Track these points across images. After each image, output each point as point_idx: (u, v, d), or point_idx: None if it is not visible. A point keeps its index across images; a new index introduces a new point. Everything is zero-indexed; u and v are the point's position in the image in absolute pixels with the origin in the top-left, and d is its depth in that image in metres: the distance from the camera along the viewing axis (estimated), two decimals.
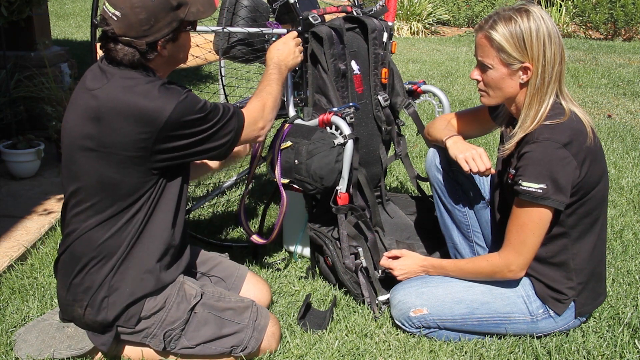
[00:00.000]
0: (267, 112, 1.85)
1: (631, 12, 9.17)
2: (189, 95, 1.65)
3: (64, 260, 1.73)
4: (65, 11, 9.78)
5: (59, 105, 3.28)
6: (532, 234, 1.73)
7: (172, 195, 1.73)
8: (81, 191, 1.66)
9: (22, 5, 3.29)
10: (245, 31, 2.23)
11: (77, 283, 1.69)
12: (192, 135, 1.65)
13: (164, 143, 1.61)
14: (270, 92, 1.90)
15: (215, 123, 1.68)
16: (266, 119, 1.85)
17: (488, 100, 1.85)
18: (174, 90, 1.63)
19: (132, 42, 1.60)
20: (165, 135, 1.60)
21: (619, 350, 1.87)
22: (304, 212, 2.32)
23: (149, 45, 1.62)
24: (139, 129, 1.58)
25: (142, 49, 1.61)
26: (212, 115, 1.67)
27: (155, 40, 1.62)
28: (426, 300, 1.90)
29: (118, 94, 1.59)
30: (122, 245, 1.68)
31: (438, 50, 8.24)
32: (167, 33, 1.63)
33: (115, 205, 1.65)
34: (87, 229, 1.67)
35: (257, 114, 1.82)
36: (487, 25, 1.74)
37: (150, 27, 1.59)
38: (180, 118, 1.60)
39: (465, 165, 1.88)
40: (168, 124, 1.59)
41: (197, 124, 1.64)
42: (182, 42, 1.72)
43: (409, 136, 4.07)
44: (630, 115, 4.94)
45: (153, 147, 1.60)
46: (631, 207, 3.03)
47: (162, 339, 1.73)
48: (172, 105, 1.58)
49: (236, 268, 2.05)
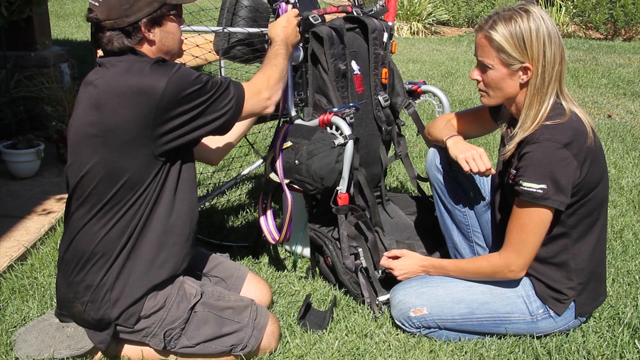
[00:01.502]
0: (273, 82, 1.82)
1: (631, 12, 9.17)
2: (181, 67, 1.64)
3: (67, 257, 1.72)
4: (65, 11, 9.78)
5: (59, 105, 3.28)
6: (533, 234, 1.73)
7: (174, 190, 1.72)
8: (85, 182, 1.65)
9: (22, 5, 3.29)
10: (245, 31, 2.23)
11: (79, 280, 1.69)
12: (191, 109, 1.63)
13: (164, 120, 1.60)
14: (276, 65, 1.87)
15: (213, 93, 1.67)
16: (272, 89, 1.81)
17: (488, 100, 1.86)
18: (166, 66, 1.63)
19: (115, 23, 1.62)
20: (163, 111, 1.59)
21: (619, 350, 1.87)
22: (304, 212, 2.32)
23: (132, 26, 1.63)
24: (137, 107, 1.58)
25: (126, 29, 1.63)
26: (208, 86, 1.66)
27: (137, 20, 1.63)
28: (426, 300, 1.90)
29: (114, 78, 1.61)
30: (123, 240, 1.67)
31: (438, 50, 8.24)
32: (149, 13, 1.64)
33: (117, 196, 1.64)
34: (88, 222, 1.66)
35: (262, 84, 1.80)
36: (487, 26, 1.74)
37: (130, 6, 1.61)
38: (175, 91, 1.59)
39: (466, 166, 1.88)
40: (164, 98, 1.58)
41: (194, 95, 1.63)
42: (170, 29, 1.72)
43: (409, 136, 4.07)
44: (630, 115, 4.94)
45: (154, 126, 1.60)
46: (631, 207, 3.03)
47: (162, 338, 1.73)
48: (165, 79, 1.58)
49: (236, 268, 2.05)
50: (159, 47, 1.71)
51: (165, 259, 1.73)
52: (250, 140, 3.45)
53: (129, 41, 1.65)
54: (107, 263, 1.68)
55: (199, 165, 3.41)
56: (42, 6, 3.68)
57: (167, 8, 1.68)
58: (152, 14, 1.65)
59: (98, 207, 1.65)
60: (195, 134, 1.68)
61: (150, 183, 1.66)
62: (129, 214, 1.66)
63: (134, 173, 1.63)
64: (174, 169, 1.71)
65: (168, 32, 1.71)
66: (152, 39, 1.69)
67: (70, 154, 1.70)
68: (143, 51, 1.69)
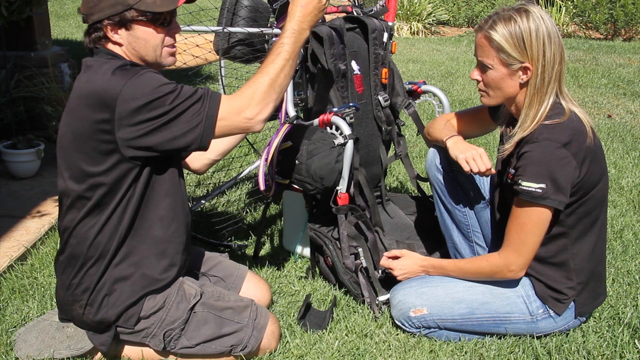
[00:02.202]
0: (259, 98, 1.62)
1: (631, 12, 9.17)
2: (146, 74, 1.56)
3: (63, 259, 1.73)
4: (65, 11, 9.79)
5: (59, 105, 3.29)
6: (532, 233, 1.73)
7: (162, 191, 1.71)
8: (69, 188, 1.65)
9: (22, 5, 3.29)
10: (245, 31, 2.23)
11: (76, 282, 1.69)
12: (151, 118, 1.54)
13: (124, 125, 1.54)
14: (269, 73, 1.65)
15: (179, 104, 1.55)
16: (257, 105, 1.61)
17: (488, 100, 1.86)
18: (129, 70, 1.56)
19: (85, 19, 1.63)
20: (122, 117, 1.53)
21: (619, 350, 1.87)
22: (304, 212, 2.32)
23: (96, 24, 1.62)
24: (98, 111, 1.54)
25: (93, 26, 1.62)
26: (173, 95, 1.55)
27: (98, 20, 1.60)
28: (426, 300, 1.90)
29: (83, 82, 1.60)
30: (115, 242, 1.67)
31: (438, 50, 8.24)
32: (110, 14, 1.59)
33: (101, 200, 1.63)
34: (78, 224, 1.66)
35: (244, 102, 1.61)
36: (486, 26, 1.74)
37: (95, 5, 1.60)
38: (132, 96, 1.52)
39: (466, 166, 1.88)
40: (121, 104, 1.52)
41: (154, 104, 1.53)
42: (140, 35, 1.63)
43: (409, 136, 4.07)
44: (630, 115, 4.94)
45: (117, 131, 1.55)
46: (631, 207, 3.03)
47: (161, 338, 1.73)
48: (122, 84, 1.52)
49: (236, 268, 2.05)
50: (130, 51, 1.65)
51: (160, 261, 1.73)
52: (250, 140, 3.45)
53: (93, 38, 1.64)
54: (102, 265, 1.68)
55: None
56: (42, 6, 3.68)
57: (136, 13, 1.60)
58: (114, 16, 1.59)
59: (84, 211, 1.65)
60: (163, 147, 1.59)
61: (130, 186, 1.64)
62: (115, 217, 1.66)
63: (111, 177, 1.62)
64: (156, 170, 1.68)
65: (137, 37, 1.64)
66: (116, 41, 1.64)
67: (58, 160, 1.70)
68: (116, 51, 1.66)
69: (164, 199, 1.71)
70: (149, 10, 1.61)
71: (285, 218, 2.50)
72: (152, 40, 1.66)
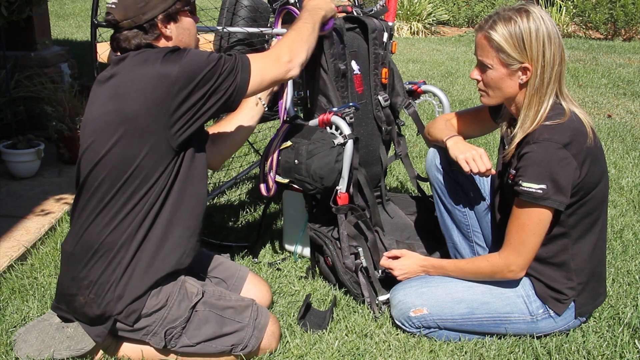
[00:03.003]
0: (296, 46, 1.82)
1: (631, 12, 9.17)
2: (191, 51, 1.68)
3: (76, 251, 1.70)
4: (65, 11, 9.78)
5: (59, 105, 3.28)
6: (532, 234, 1.73)
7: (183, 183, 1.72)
8: (98, 169, 1.65)
9: (22, 5, 3.29)
10: (245, 31, 2.23)
11: (84, 275, 1.68)
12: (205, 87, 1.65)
13: (179, 102, 1.62)
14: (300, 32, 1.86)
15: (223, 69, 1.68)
16: (294, 52, 1.81)
17: (488, 100, 1.86)
18: (178, 52, 1.66)
19: (132, 22, 1.67)
20: (178, 93, 1.62)
21: (619, 350, 1.87)
22: (304, 212, 2.32)
23: (149, 23, 1.69)
24: (154, 93, 1.61)
25: (144, 27, 1.68)
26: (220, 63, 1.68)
27: (153, 17, 1.69)
28: (426, 300, 1.90)
29: (132, 68, 1.65)
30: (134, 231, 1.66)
31: (438, 50, 8.24)
32: (164, 9, 1.69)
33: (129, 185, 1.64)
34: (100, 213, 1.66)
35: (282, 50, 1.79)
36: (486, 25, 1.74)
37: (145, 4, 1.67)
38: (187, 73, 1.62)
39: (466, 166, 1.88)
40: (178, 82, 1.61)
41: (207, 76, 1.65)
42: (185, 25, 1.77)
43: (409, 136, 4.07)
44: (630, 115, 4.94)
45: (171, 111, 1.62)
46: (631, 207, 3.03)
47: (162, 337, 1.73)
48: (177, 64, 1.62)
49: (237, 269, 2.05)
50: (176, 43, 1.75)
51: (169, 252, 1.72)
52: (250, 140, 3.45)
53: (146, 38, 1.70)
54: (115, 257, 1.67)
55: None
56: (42, 6, 3.68)
57: (181, 4, 1.74)
58: (167, 10, 1.70)
59: (110, 196, 1.65)
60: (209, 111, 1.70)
61: (162, 174, 1.67)
62: (141, 205, 1.66)
63: (148, 162, 1.64)
64: (186, 161, 1.72)
65: (184, 27, 1.77)
66: (168, 35, 1.74)
67: (84, 144, 1.70)
68: (160, 47, 1.72)
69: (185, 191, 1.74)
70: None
71: (285, 218, 2.50)
72: (193, 29, 1.81)
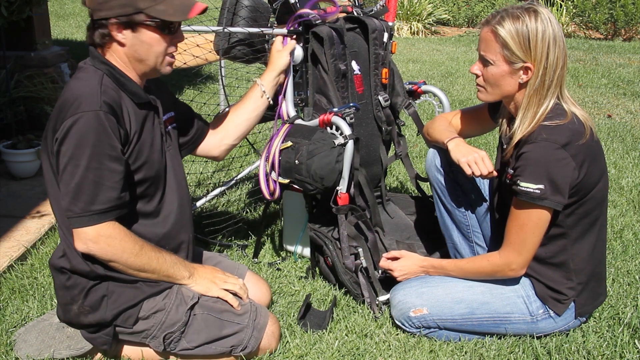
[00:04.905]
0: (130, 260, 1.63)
1: (631, 12, 9.17)
2: (84, 117, 1.54)
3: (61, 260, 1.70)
4: (65, 11, 9.78)
5: None
6: (532, 233, 1.73)
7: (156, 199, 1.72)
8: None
9: (22, 5, 3.29)
10: (245, 31, 2.23)
11: (72, 284, 1.69)
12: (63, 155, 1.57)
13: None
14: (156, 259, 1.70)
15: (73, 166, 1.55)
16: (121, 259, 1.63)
17: (484, 96, 1.85)
18: (87, 103, 1.56)
19: (90, 14, 1.62)
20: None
21: (619, 350, 1.87)
22: (304, 212, 2.32)
23: (102, 21, 1.60)
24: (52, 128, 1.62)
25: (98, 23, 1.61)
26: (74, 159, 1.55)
27: (106, 17, 1.59)
28: (426, 300, 1.90)
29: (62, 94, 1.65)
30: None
31: (438, 50, 8.24)
32: (119, 14, 1.58)
33: None
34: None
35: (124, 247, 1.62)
36: (494, 21, 1.74)
37: (105, 2, 1.58)
38: (62, 130, 1.56)
39: (468, 169, 1.87)
40: (54, 129, 1.59)
41: (63, 150, 1.56)
42: (145, 39, 1.63)
43: (409, 136, 4.07)
44: (630, 115, 4.94)
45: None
46: (631, 207, 3.03)
47: (161, 340, 1.73)
48: (72, 119, 1.55)
49: (235, 267, 2.04)
50: (130, 53, 1.65)
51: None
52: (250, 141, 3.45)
53: (98, 35, 1.63)
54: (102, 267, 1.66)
55: (199, 165, 3.41)
56: (42, 6, 3.68)
57: (145, 17, 1.60)
58: (123, 16, 1.59)
59: None
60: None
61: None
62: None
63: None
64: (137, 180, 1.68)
65: (142, 40, 1.63)
66: (120, 41, 1.63)
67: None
68: (112, 51, 1.66)
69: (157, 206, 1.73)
70: (159, 17, 1.60)
71: (285, 218, 2.50)
72: (157, 46, 1.65)
